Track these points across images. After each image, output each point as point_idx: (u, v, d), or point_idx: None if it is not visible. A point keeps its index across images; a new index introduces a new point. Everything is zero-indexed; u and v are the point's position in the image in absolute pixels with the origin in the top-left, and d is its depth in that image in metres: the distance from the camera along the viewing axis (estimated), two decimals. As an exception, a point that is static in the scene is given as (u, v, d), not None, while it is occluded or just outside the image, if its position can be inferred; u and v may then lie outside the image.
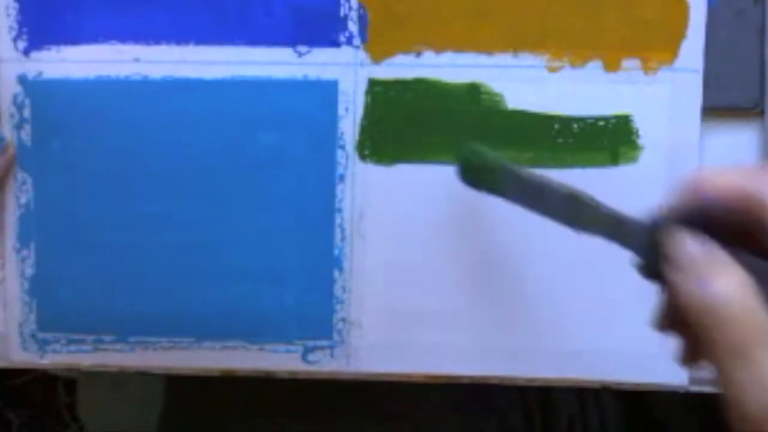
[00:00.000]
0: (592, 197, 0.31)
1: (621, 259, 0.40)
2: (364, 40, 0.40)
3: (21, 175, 0.41)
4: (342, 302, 0.41)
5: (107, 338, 0.42)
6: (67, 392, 0.70)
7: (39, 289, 0.42)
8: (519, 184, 0.34)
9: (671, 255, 0.27)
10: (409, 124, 0.40)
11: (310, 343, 0.42)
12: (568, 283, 0.41)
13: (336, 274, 0.41)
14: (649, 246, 0.29)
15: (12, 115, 0.41)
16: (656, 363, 0.40)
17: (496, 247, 0.41)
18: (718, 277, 0.25)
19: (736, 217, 0.26)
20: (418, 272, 0.41)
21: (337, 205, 0.41)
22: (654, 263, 0.29)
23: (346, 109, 0.40)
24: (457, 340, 0.41)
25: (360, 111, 0.40)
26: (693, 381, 0.41)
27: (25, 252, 0.42)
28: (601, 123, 0.40)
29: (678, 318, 0.28)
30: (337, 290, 0.41)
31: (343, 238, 0.41)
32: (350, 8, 0.40)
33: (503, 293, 0.41)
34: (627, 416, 0.30)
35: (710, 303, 0.25)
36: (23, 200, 0.42)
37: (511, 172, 0.34)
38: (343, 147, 0.41)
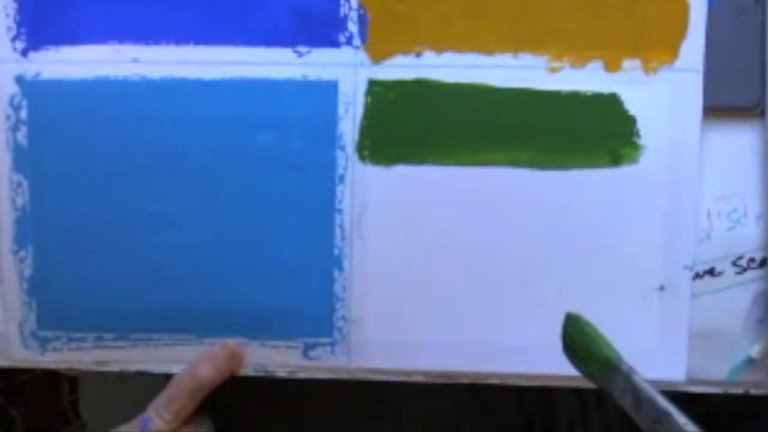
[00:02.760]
0: None
1: (620, 259, 0.41)
2: (364, 40, 0.40)
3: (17, 177, 0.41)
4: (342, 300, 0.41)
5: (108, 336, 0.42)
6: (71, 390, 0.70)
7: (38, 289, 0.42)
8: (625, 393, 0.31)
9: None
10: (409, 124, 0.40)
11: (311, 341, 0.42)
12: (567, 282, 0.41)
13: (336, 273, 0.41)
14: None
15: (8, 117, 0.41)
16: (653, 360, 0.40)
17: (496, 246, 0.41)
18: None
19: None
20: (417, 271, 0.41)
21: (336, 206, 0.41)
22: None
23: (346, 109, 0.40)
24: (457, 339, 0.41)
25: (360, 111, 0.40)
26: (693, 381, 0.41)
27: (22, 253, 0.42)
28: (602, 123, 0.40)
29: None
30: (337, 289, 0.41)
31: (343, 238, 0.41)
32: (350, 8, 0.40)
33: (503, 292, 0.41)
34: (627, 416, 0.30)
35: None
36: (19, 202, 0.41)
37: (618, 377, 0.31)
38: (342, 147, 0.41)
